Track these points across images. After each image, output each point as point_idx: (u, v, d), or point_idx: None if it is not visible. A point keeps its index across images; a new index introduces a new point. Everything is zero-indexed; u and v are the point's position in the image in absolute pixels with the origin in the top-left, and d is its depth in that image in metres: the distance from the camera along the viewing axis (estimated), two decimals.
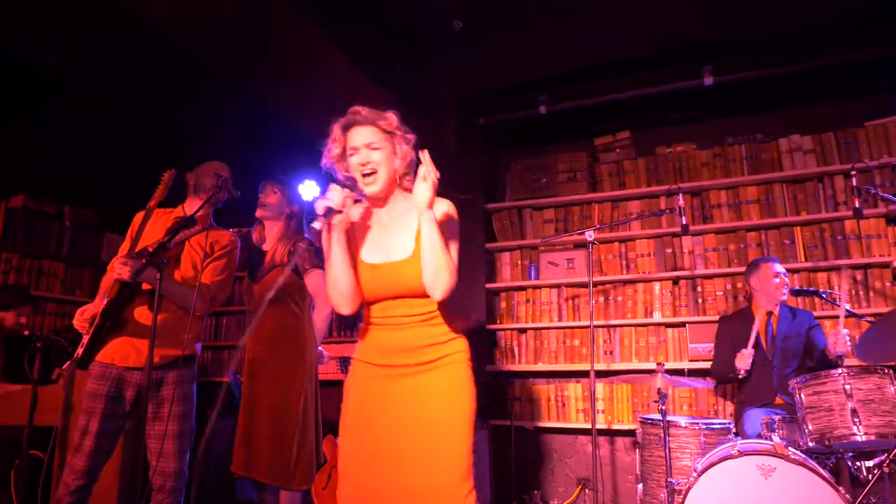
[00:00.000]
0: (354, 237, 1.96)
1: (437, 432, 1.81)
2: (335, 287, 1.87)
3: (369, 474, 1.82)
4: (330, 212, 1.78)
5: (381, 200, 1.96)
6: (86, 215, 5.02)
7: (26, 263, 4.58)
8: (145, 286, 2.51)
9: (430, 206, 1.77)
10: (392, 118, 1.91)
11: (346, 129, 1.92)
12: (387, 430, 1.84)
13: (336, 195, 1.79)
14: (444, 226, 1.87)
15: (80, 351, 2.43)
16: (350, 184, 1.91)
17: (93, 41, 3.63)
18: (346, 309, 1.89)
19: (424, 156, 1.78)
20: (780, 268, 3.49)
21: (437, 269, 1.79)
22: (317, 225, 1.79)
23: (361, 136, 1.89)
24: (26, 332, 3.18)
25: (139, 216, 2.69)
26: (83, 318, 2.47)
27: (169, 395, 2.52)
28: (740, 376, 3.34)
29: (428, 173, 1.74)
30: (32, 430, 3.04)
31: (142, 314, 2.54)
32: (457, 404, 1.85)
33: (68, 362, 2.49)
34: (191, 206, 2.74)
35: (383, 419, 1.85)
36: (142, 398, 2.46)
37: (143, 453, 2.44)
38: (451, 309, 1.94)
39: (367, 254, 1.93)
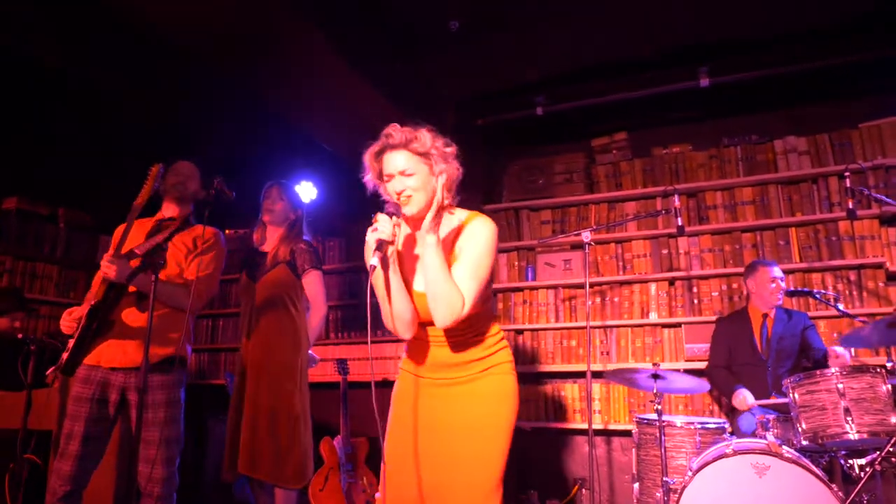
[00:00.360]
0: (403, 264, 1.91)
1: (477, 435, 1.85)
2: (399, 318, 1.83)
3: (410, 475, 1.85)
4: (383, 244, 1.72)
5: (418, 225, 1.88)
6: (80, 217, 5.01)
7: (20, 266, 4.56)
8: (132, 288, 2.47)
9: (431, 230, 1.74)
10: (425, 138, 1.83)
11: (379, 154, 1.85)
12: (429, 432, 1.88)
13: (385, 226, 1.72)
14: (469, 247, 1.83)
15: (64, 356, 2.38)
16: (394, 209, 1.81)
17: (90, 41, 3.62)
18: (407, 335, 1.88)
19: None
20: (777, 272, 3.51)
21: (434, 301, 1.76)
22: (374, 261, 1.71)
23: (395, 162, 1.81)
24: (20, 336, 3.17)
25: (120, 229, 2.66)
26: (71, 319, 2.42)
27: (155, 400, 2.47)
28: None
29: (436, 207, 1.73)
30: (27, 434, 3.03)
31: (129, 315, 2.50)
32: (499, 409, 1.89)
33: (52, 368, 2.44)
34: (168, 209, 2.72)
35: (427, 422, 1.89)
36: (126, 402, 2.46)
37: (135, 459, 2.42)
38: (489, 321, 1.97)
39: (417, 282, 1.89)
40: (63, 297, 4.78)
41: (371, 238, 1.71)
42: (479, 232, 1.85)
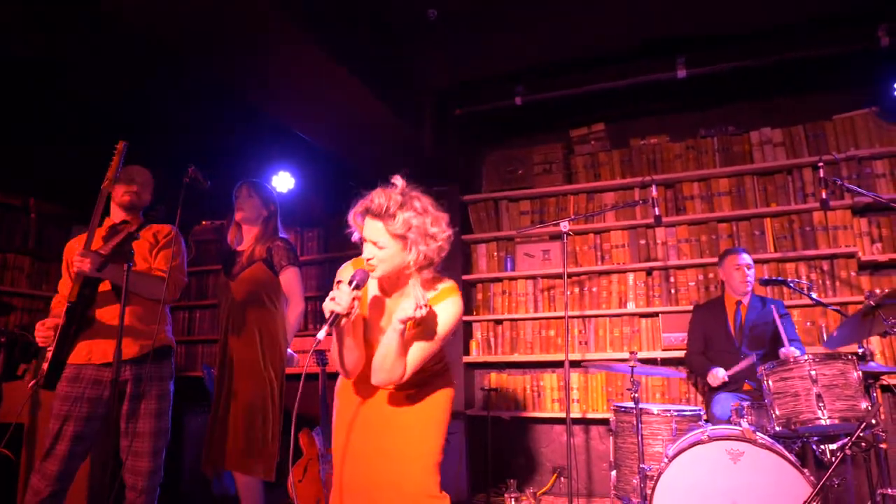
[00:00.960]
0: (371, 310, 1.99)
1: (412, 432, 1.98)
2: (347, 365, 1.91)
3: (353, 470, 1.99)
4: (336, 318, 1.73)
5: (387, 284, 1.96)
6: (52, 208, 4.91)
7: None
8: (105, 286, 2.44)
9: (402, 322, 1.77)
10: (403, 218, 1.79)
11: (363, 217, 1.86)
12: (367, 432, 2.01)
13: (344, 298, 1.72)
14: (432, 325, 1.88)
15: (44, 366, 2.31)
16: (362, 278, 1.82)
17: (62, 31, 3.54)
18: (350, 378, 2.01)
19: (416, 289, 1.82)
20: (744, 259, 3.56)
21: (378, 367, 1.86)
22: (321, 335, 1.72)
23: (369, 230, 1.83)
24: None
25: (69, 246, 2.63)
26: (46, 328, 2.35)
27: (146, 392, 2.46)
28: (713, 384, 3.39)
29: (417, 306, 1.74)
30: None
31: (108, 312, 2.47)
32: (433, 411, 2.03)
33: (33, 381, 2.37)
34: (118, 216, 2.67)
35: (367, 425, 2.02)
36: (120, 394, 2.42)
37: (114, 451, 2.39)
38: (436, 363, 2.06)
39: (369, 333, 1.98)
40: (35, 289, 4.69)
41: (326, 308, 1.73)
42: (446, 313, 1.90)
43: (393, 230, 1.79)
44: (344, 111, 3.82)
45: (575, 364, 4.15)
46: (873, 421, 2.30)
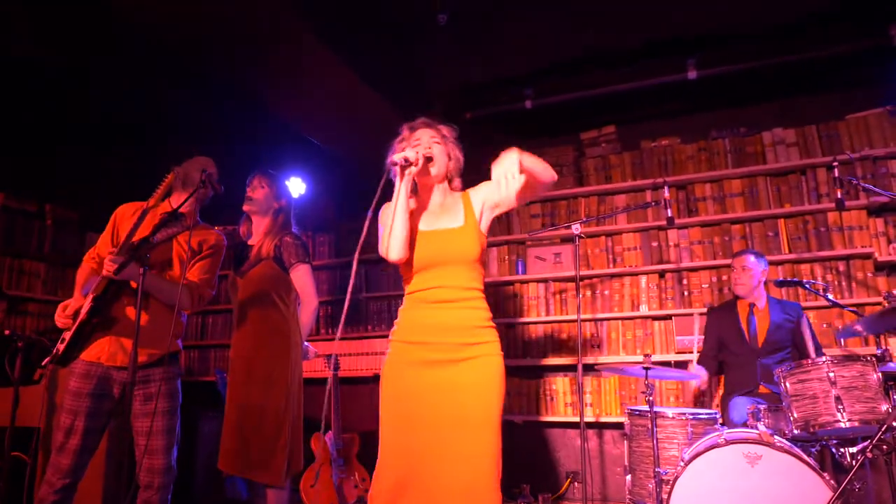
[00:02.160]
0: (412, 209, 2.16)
1: (472, 428, 1.93)
2: (396, 233, 2.01)
3: (408, 466, 1.90)
4: (407, 163, 2.03)
5: (430, 190, 2.20)
6: (67, 214, 4.96)
7: (6, 263, 4.50)
8: (134, 284, 2.47)
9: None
10: (448, 130, 2.26)
11: (413, 129, 2.22)
12: (423, 422, 1.94)
13: (411, 153, 2.05)
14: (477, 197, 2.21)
15: (60, 347, 2.38)
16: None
17: (74, 36, 3.58)
18: (397, 254, 2.02)
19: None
20: (745, 260, 3.52)
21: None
22: (397, 158, 2.03)
23: (425, 133, 2.20)
24: (7, 332, 3.13)
25: (122, 208, 2.66)
26: (66, 314, 2.43)
27: (156, 391, 2.49)
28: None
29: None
30: (14, 431, 2.99)
31: (131, 312, 2.49)
32: (491, 399, 1.97)
33: (48, 358, 2.43)
34: (178, 200, 2.69)
35: (421, 411, 1.95)
36: (127, 396, 2.44)
37: (128, 450, 2.42)
38: (483, 289, 2.12)
39: (421, 224, 2.13)
40: (51, 295, 4.72)
41: (398, 156, 2.03)
42: (480, 189, 2.22)
43: (444, 132, 2.22)
44: (355, 115, 3.84)
45: (588, 368, 4.12)
46: (894, 423, 2.26)
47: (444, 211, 2.17)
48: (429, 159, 2.12)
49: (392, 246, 2.01)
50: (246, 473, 2.80)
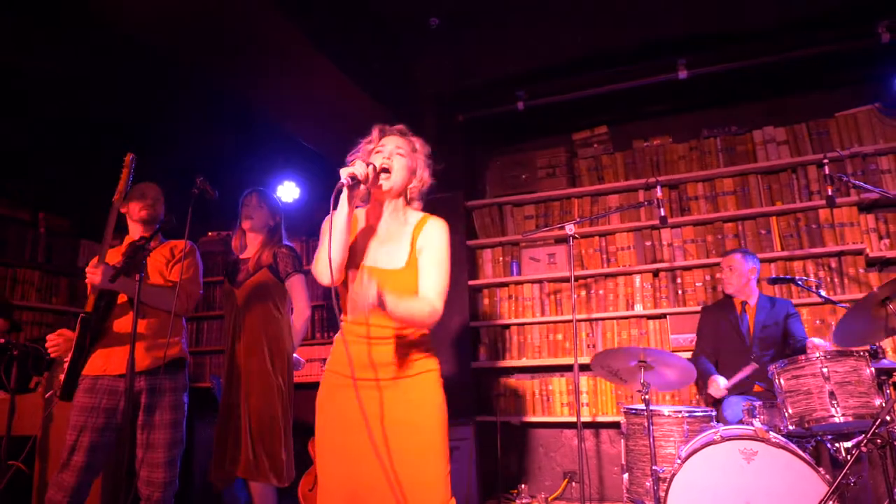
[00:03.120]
0: (358, 235, 2.00)
1: (418, 435, 1.85)
2: (332, 256, 1.81)
3: (349, 473, 1.83)
4: (354, 180, 1.82)
5: (380, 205, 2.00)
6: (60, 222, 4.94)
7: (0, 272, 4.49)
8: (122, 298, 2.47)
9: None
10: (421, 144, 2.08)
11: (384, 133, 2.05)
12: (362, 452, 1.83)
13: (360, 168, 1.84)
14: (429, 246, 1.97)
15: (60, 377, 2.34)
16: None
17: (65, 45, 3.57)
18: (329, 279, 1.83)
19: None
20: (730, 260, 3.56)
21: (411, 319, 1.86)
22: (343, 175, 1.80)
23: (392, 141, 2.02)
24: (2, 340, 3.12)
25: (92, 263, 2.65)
26: (62, 339, 2.41)
27: (160, 403, 2.48)
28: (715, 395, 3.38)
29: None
30: (10, 440, 2.97)
31: (124, 323, 2.49)
32: (433, 414, 1.90)
33: (50, 392, 2.41)
34: (136, 231, 2.70)
35: (358, 440, 1.84)
36: (136, 406, 2.43)
37: (128, 462, 2.40)
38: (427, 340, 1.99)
39: (367, 258, 1.96)
40: (45, 303, 4.71)
41: (344, 173, 1.81)
42: (438, 231, 1.99)
43: (410, 146, 2.03)
44: (347, 119, 3.84)
45: (584, 367, 4.14)
46: (888, 418, 2.28)
47: (388, 237, 1.98)
48: (384, 170, 1.93)
49: (323, 271, 1.83)
50: (240, 474, 2.82)
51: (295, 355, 3.09)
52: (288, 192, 4.86)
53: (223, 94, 3.94)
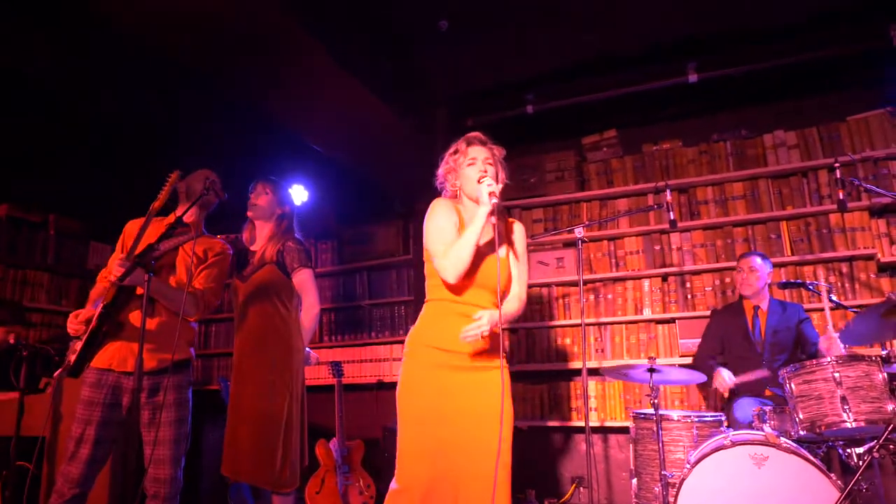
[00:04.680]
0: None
1: (497, 426, 2.00)
2: (464, 259, 2.06)
3: (435, 462, 2.02)
4: (491, 193, 2.08)
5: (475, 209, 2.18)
6: (71, 224, 4.98)
7: (10, 274, 4.52)
8: (140, 290, 2.47)
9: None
10: (499, 150, 2.32)
11: (469, 143, 2.29)
12: (449, 419, 2.06)
13: (495, 185, 2.12)
14: (519, 246, 2.36)
15: (71, 357, 2.37)
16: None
17: (76, 48, 3.60)
18: (455, 279, 2.09)
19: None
20: (749, 262, 3.53)
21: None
22: (485, 194, 2.09)
23: (480, 152, 2.26)
24: (12, 341, 3.14)
25: (130, 224, 2.68)
26: (78, 321, 2.42)
27: (168, 400, 2.48)
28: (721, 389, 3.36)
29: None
30: (19, 440, 2.99)
31: (137, 318, 2.48)
32: (510, 405, 2.10)
33: (60, 370, 2.43)
34: (182, 210, 2.71)
35: (447, 410, 2.07)
36: (132, 400, 2.44)
37: (135, 460, 2.40)
38: None
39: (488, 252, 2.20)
40: (54, 305, 4.74)
41: (484, 185, 2.10)
42: (523, 234, 2.37)
43: (494, 153, 2.28)
44: (357, 123, 3.86)
45: (592, 372, 4.12)
46: None
47: (487, 232, 2.19)
48: (490, 185, 2.15)
49: (455, 271, 2.07)
50: (250, 479, 2.79)
51: (307, 350, 3.03)
52: (297, 194, 4.85)
53: (233, 99, 3.96)
